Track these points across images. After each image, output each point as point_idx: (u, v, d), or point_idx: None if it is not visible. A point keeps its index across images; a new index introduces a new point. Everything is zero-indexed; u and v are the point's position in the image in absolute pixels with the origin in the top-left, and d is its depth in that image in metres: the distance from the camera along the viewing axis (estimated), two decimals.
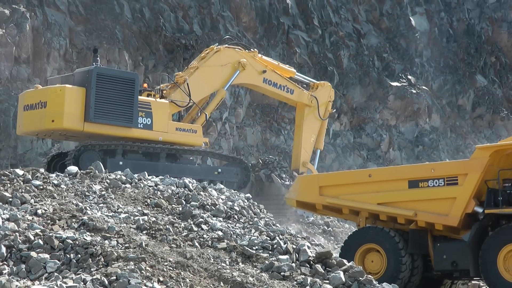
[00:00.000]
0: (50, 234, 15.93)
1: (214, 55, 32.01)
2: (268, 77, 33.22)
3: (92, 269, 14.59)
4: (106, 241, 16.11)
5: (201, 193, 23.65)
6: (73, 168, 23.75)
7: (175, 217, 20.07)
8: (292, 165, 34.95)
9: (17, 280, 14.00)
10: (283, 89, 33.75)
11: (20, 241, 15.43)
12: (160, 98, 30.47)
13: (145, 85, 31.99)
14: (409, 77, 55.82)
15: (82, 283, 13.79)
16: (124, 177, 23.59)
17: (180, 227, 18.96)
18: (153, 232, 17.78)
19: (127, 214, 19.01)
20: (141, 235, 17.36)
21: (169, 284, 13.93)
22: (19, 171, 21.09)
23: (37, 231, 16.14)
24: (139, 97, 29.32)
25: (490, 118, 58.19)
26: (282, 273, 15.88)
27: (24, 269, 14.50)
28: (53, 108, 28.14)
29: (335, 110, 36.94)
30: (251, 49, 34.12)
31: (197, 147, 31.01)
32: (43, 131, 29.37)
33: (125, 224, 18.04)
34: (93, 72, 28.41)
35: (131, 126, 28.71)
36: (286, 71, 35.01)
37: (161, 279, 14.09)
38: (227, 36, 40.19)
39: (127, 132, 28.89)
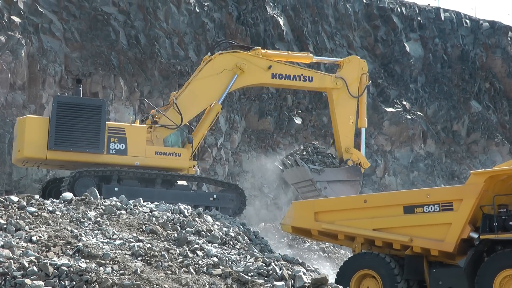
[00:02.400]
0: (45, 261, 15.88)
1: (207, 65, 30.70)
2: (276, 71, 31.00)
3: None
4: (101, 268, 16.07)
5: (196, 219, 23.63)
6: (68, 195, 23.71)
7: (170, 243, 20.04)
8: (337, 154, 31.97)
9: None
10: (299, 79, 31.30)
11: (15, 268, 15.37)
12: (152, 123, 30.45)
13: (153, 111, 31.88)
14: (404, 102, 55.99)
15: None
16: (119, 203, 23.57)
17: (175, 253, 18.93)
18: (148, 258, 17.74)
19: (122, 241, 18.98)
20: (136, 262, 17.32)
21: None
22: (14, 198, 21.06)
23: (32, 258, 16.08)
24: (112, 122, 29.40)
25: (485, 143, 58.30)
26: None
27: None
28: (19, 138, 28.81)
29: (371, 82, 33.75)
30: (253, 47, 32.03)
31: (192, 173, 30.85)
32: (18, 161, 29.94)
33: (120, 251, 18.00)
34: (54, 101, 28.86)
35: (98, 152, 28.69)
36: (300, 58, 33.21)
37: None
38: (222, 40, 38.37)
39: (96, 158, 28.76)
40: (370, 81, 31.46)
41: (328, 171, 30.11)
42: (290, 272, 19.66)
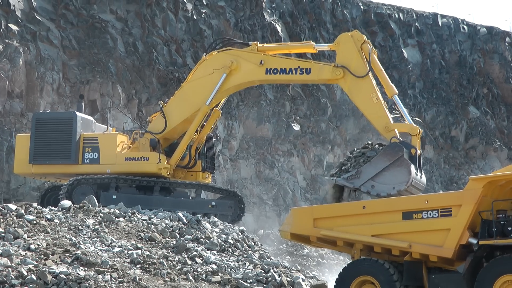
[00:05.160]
0: (43, 269, 15.87)
1: (199, 66, 29.94)
2: (270, 66, 28.48)
3: None
4: (100, 276, 16.06)
5: (195, 226, 23.65)
6: (66, 203, 23.75)
7: (169, 251, 20.05)
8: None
9: None
10: (296, 72, 28.28)
11: (13, 277, 15.36)
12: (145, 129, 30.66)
13: (149, 118, 31.96)
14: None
15: None
16: (117, 211, 23.60)
17: (174, 260, 18.92)
18: (147, 266, 17.74)
19: (120, 248, 18.97)
20: (135, 269, 17.31)
21: None
22: (12, 206, 21.09)
23: (30, 266, 16.07)
24: (87, 133, 29.65)
25: (483, 149, 58.36)
26: None
27: None
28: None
29: (372, 47, 27.21)
30: (249, 43, 29.82)
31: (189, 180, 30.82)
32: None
33: (118, 258, 18.00)
34: (33, 118, 30.48)
35: (71, 162, 29.27)
36: (301, 48, 31.21)
37: None
38: (218, 38, 35.84)
39: (73, 168, 29.41)
40: (371, 47, 27.36)
41: (364, 168, 24.82)
42: (289, 279, 19.66)
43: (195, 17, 48.82)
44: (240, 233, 24.77)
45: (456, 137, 58.35)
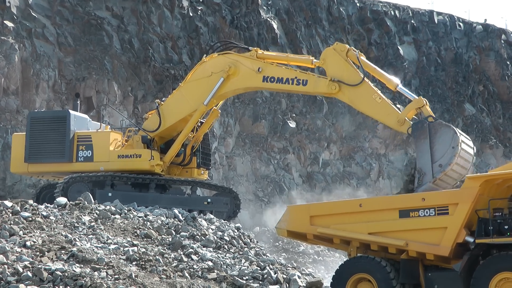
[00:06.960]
0: (39, 266, 15.84)
1: (199, 67, 29.90)
2: (268, 74, 28.19)
3: None
4: (96, 273, 16.04)
5: (191, 223, 23.64)
6: (62, 200, 23.73)
7: (165, 248, 20.04)
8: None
9: None
10: (292, 82, 27.98)
11: (9, 274, 15.33)
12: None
13: (145, 115, 32.01)
14: (398, 106, 55.91)
15: None
16: (113, 208, 23.58)
17: (170, 257, 18.91)
18: (143, 263, 17.72)
19: (116, 245, 18.96)
20: (130, 266, 17.29)
21: None
22: (8, 203, 21.06)
23: (26, 263, 16.05)
24: (81, 131, 29.70)
25: (479, 146, 58.38)
26: None
27: None
28: None
29: (358, 51, 26.85)
30: (251, 49, 29.49)
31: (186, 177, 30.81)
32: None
33: (114, 255, 17.97)
34: (28, 117, 30.76)
35: (64, 161, 29.47)
36: (300, 61, 30.44)
37: None
38: (222, 41, 35.54)
39: (68, 167, 29.63)
40: (357, 51, 26.81)
41: (419, 164, 23.75)
42: (285, 276, 19.66)
43: (191, 14, 48.76)
44: (236, 230, 24.77)
45: None
